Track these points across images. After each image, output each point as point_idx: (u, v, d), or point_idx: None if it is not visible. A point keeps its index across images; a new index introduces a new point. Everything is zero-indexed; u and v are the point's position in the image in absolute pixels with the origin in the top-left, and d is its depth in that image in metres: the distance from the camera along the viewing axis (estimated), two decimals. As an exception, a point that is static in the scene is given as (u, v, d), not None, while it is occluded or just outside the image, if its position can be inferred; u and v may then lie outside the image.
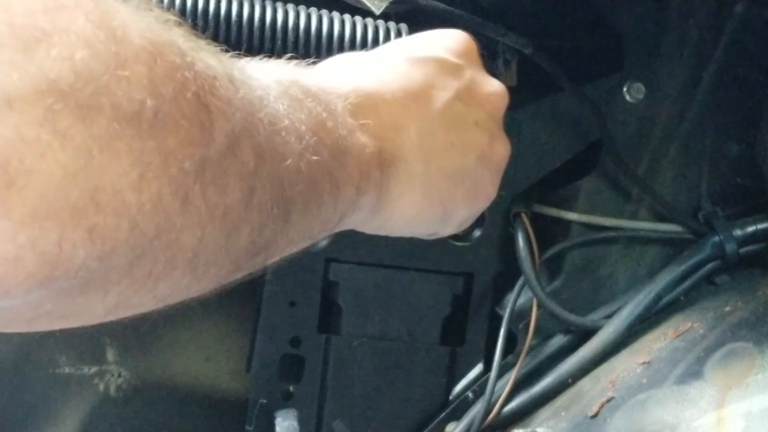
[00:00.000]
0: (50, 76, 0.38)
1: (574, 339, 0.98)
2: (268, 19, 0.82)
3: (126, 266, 0.43)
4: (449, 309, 1.00)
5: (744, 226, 0.95)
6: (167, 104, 0.42)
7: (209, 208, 0.45)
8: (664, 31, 0.96)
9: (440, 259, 0.99)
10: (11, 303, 0.41)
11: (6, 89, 0.37)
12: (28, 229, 0.38)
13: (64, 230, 0.39)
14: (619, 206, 0.99)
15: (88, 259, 0.40)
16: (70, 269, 0.40)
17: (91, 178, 0.39)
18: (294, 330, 0.99)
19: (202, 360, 1.05)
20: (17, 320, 0.44)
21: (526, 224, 0.96)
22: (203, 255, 0.47)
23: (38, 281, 0.40)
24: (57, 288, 0.41)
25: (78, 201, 0.39)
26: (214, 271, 0.49)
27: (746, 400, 0.76)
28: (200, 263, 0.47)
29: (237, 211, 0.48)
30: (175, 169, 0.43)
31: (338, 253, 0.98)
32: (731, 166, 0.98)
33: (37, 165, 0.38)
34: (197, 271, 0.48)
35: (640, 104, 0.97)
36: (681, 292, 0.95)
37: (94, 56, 0.40)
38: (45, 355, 1.01)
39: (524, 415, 0.96)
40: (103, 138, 0.40)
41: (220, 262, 0.49)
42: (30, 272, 0.39)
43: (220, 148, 0.45)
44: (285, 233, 0.54)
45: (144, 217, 0.42)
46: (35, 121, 0.38)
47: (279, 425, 0.95)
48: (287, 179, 0.51)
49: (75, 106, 0.39)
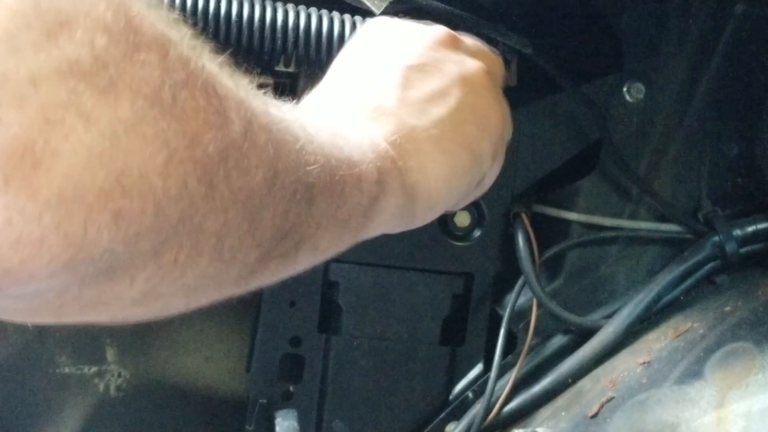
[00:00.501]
0: (72, 58, 0.39)
1: (574, 339, 0.98)
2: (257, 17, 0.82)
3: (151, 252, 0.43)
4: (449, 309, 1.00)
5: (744, 226, 0.95)
6: (182, 89, 0.43)
7: (232, 193, 0.46)
8: (664, 31, 0.96)
9: (440, 259, 0.99)
10: (37, 287, 0.41)
11: (31, 70, 0.38)
12: (53, 211, 0.39)
13: (90, 213, 0.40)
14: (619, 206, 0.99)
15: (113, 243, 0.41)
16: (94, 253, 0.41)
17: (117, 161, 0.40)
18: (294, 330, 0.99)
19: (202, 360, 1.05)
20: (45, 309, 0.44)
21: (526, 224, 0.96)
22: (228, 240, 0.48)
23: (62, 264, 0.40)
24: (82, 272, 0.41)
25: (104, 184, 0.40)
26: (241, 257, 0.50)
27: (746, 400, 0.76)
28: (225, 248, 0.48)
29: (259, 196, 0.48)
30: (200, 152, 0.43)
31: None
32: (731, 166, 0.98)
33: (62, 146, 0.38)
34: (223, 257, 0.48)
35: (640, 104, 0.97)
36: (681, 292, 0.95)
37: (113, 42, 0.41)
38: (45, 355, 1.01)
39: (524, 415, 0.96)
40: (128, 120, 0.40)
41: (246, 248, 0.50)
42: (54, 254, 0.39)
43: (240, 132, 0.46)
44: (311, 217, 0.55)
45: (169, 201, 0.42)
46: (60, 103, 0.38)
47: (279, 425, 0.95)
48: (305, 162, 0.52)
49: (97, 89, 0.40)
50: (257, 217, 0.49)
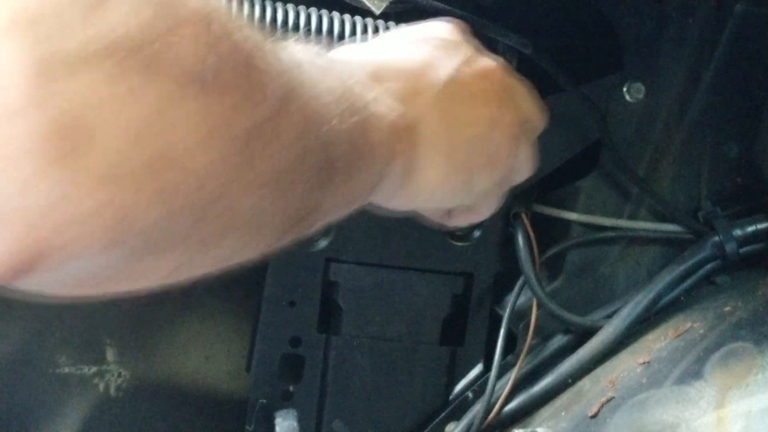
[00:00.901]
0: (120, 33, 0.39)
1: (574, 339, 0.98)
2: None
3: (190, 227, 0.44)
4: (449, 309, 1.00)
5: (744, 226, 0.95)
6: (224, 63, 0.43)
7: (267, 169, 0.46)
8: (664, 30, 0.96)
9: (440, 259, 0.99)
10: (86, 263, 0.41)
11: (81, 46, 0.38)
12: (106, 186, 0.39)
13: (140, 187, 0.40)
14: (619, 206, 0.99)
15: (159, 218, 0.41)
16: (143, 227, 0.41)
17: (162, 136, 0.40)
18: (294, 330, 0.99)
19: (202, 360, 1.05)
20: (88, 282, 0.45)
21: (526, 224, 0.96)
22: (258, 217, 0.48)
23: (114, 238, 0.40)
24: (130, 247, 0.42)
25: (151, 158, 0.40)
26: (267, 232, 0.50)
27: (746, 400, 0.76)
28: (255, 225, 0.48)
29: (291, 173, 0.49)
30: (239, 128, 0.44)
31: (338, 253, 0.99)
32: (731, 166, 0.98)
33: (113, 122, 0.39)
34: (252, 233, 0.49)
35: (640, 104, 0.97)
36: (681, 292, 0.95)
37: (157, 16, 0.41)
38: (45, 355, 1.01)
39: (524, 415, 0.96)
40: (173, 95, 0.41)
41: (273, 225, 0.50)
42: (107, 228, 0.40)
43: (275, 108, 0.46)
44: (330, 196, 0.55)
45: (210, 176, 0.43)
46: (108, 79, 0.39)
47: (279, 425, 0.95)
48: (330, 141, 0.52)
49: (143, 64, 0.40)
50: (287, 194, 0.49)
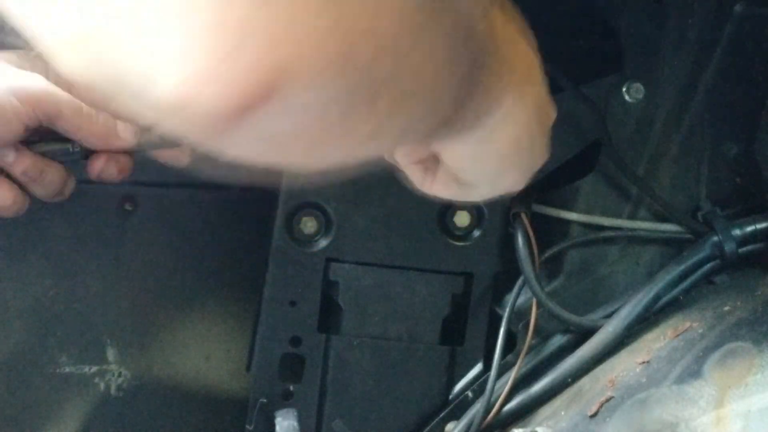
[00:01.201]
0: None
1: (573, 339, 0.98)
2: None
3: (389, 77, 0.45)
4: (449, 309, 1.01)
5: (743, 226, 0.95)
6: None
7: (428, 55, 0.47)
8: (664, 31, 0.96)
9: (440, 259, 1.00)
10: (313, 98, 0.42)
11: None
12: (331, 7, 0.40)
13: (357, 20, 0.41)
14: (618, 206, 0.99)
15: (371, 56, 0.42)
16: (363, 63, 0.42)
17: None
18: (294, 330, 0.99)
19: (202, 360, 1.06)
20: (296, 140, 0.45)
21: (525, 224, 0.96)
22: (436, 82, 0.49)
23: (343, 66, 0.41)
24: (353, 83, 0.43)
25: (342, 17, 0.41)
26: (441, 106, 0.51)
27: (745, 400, 0.76)
28: (433, 91, 0.49)
29: (462, 43, 0.49)
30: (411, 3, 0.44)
31: (338, 252, 0.99)
32: (730, 166, 0.98)
33: None
34: (429, 102, 0.50)
35: (640, 104, 0.97)
36: (680, 292, 0.95)
37: None
38: (45, 355, 1.01)
39: (524, 414, 0.96)
40: None
41: (447, 98, 0.51)
42: (337, 53, 0.41)
43: None
44: (482, 88, 0.55)
45: (406, 22, 0.44)
46: None
47: (279, 425, 0.95)
48: (483, 36, 0.53)
49: None
50: (461, 62, 0.50)
